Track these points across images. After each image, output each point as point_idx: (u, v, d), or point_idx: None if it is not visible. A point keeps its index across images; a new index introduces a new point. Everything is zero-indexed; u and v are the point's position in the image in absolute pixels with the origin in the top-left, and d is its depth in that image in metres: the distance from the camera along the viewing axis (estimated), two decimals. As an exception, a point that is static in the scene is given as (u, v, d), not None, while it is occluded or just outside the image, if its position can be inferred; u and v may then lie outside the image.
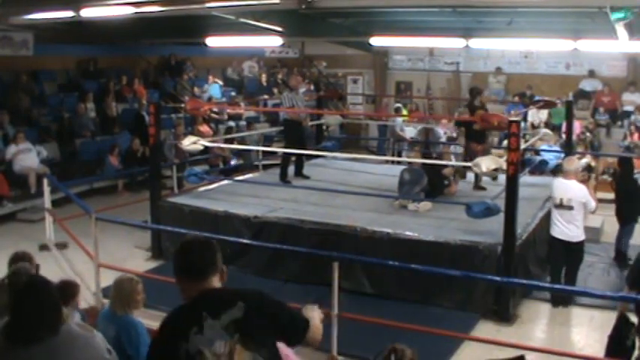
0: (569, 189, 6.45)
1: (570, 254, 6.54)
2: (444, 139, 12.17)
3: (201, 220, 7.62)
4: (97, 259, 6.31)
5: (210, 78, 15.45)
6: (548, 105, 9.85)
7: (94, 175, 11.33)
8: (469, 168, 6.88)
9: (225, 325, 2.24)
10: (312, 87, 16.11)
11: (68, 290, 4.05)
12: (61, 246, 8.00)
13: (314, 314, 2.62)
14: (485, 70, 16.51)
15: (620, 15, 7.25)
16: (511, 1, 8.84)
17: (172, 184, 10.62)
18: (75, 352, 2.56)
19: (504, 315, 6.14)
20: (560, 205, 6.44)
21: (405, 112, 14.45)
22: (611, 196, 8.23)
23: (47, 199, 8.36)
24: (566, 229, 6.44)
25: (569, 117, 10.11)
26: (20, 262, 4.20)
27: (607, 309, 5.82)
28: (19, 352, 2.49)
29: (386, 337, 4.31)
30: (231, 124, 14.27)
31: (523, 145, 7.32)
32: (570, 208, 6.39)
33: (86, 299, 6.28)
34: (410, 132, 13.33)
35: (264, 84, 16.41)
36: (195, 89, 14.76)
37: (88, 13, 9.14)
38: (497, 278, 5.90)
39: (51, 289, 2.62)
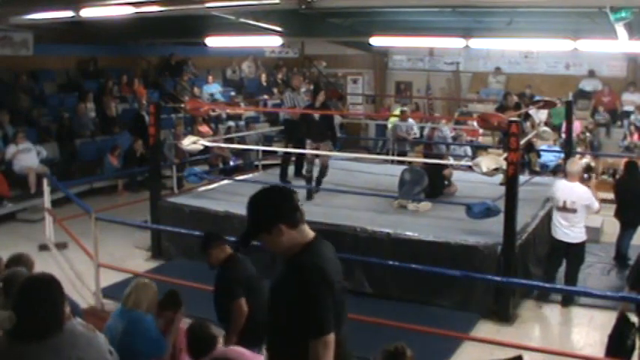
0: (573, 191, 6.39)
1: (571, 255, 6.53)
2: (449, 138, 12.18)
3: (201, 220, 7.62)
4: (96, 259, 6.31)
5: (210, 78, 15.44)
6: (548, 105, 9.84)
7: (93, 175, 11.33)
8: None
9: None
10: (311, 87, 16.10)
11: None
12: (61, 246, 8.01)
13: None
14: (485, 70, 16.52)
15: (621, 15, 7.23)
16: (511, 1, 8.84)
17: (172, 184, 10.63)
18: (77, 350, 2.57)
19: (504, 315, 6.14)
20: (564, 208, 6.38)
21: (397, 112, 14.39)
22: (612, 196, 8.22)
23: (47, 199, 8.36)
24: (569, 231, 6.40)
25: (569, 117, 10.11)
26: (16, 265, 4.21)
27: (607, 309, 5.83)
28: (23, 349, 2.49)
29: (386, 337, 4.31)
30: (231, 124, 14.28)
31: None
32: (574, 210, 6.34)
33: (86, 299, 6.29)
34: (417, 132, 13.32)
35: (264, 84, 16.41)
36: (195, 89, 14.76)
37: (87, 13, 9.13)
38: (497, 278, 5.90)
39: (54, 286, 2.63)
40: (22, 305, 2.54)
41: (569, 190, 6.41)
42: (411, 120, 13.10)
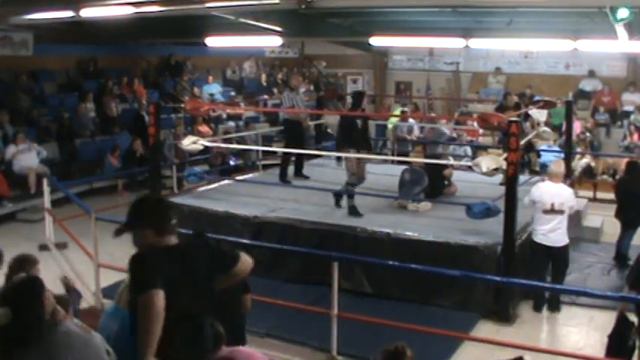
0: (561, 193, 6.34)
1: (556, 259, 6.44)
2: (445, 137, 12.12)
3: (201, 220, 7.61)
4: (96, 259, 6.31)
5: (210, 78, 15.45)
6: (548, 105, 9.83)
7: (93, 175, 11.33)
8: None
9: None
10: (311, 87, 16.11)
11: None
12: (61, 246, 8.00)
13: None
14: (485, 70, 16.54)
15: (624, 15, 7.20)
16: (511, 1, 8.85)
17: (172, 184, 10.62)
18: (73, 352, 2.54)
19: (504, 315, 6.14)
20: (552, 210, 6.28)
21: (397, 112, 14.37)
22: (612, 196, 8.21)
23: (47, 199, 8.36)
24: (553, 234, 6.29)
25: (569, 117, 10.11)
26: (20, 266, 4.19)
27: (607, 309, 5.82)
28: (16, 354, 2.47)
29: (386, 337, 4.31)
30: (231, 124, 14.27)
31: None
32: (562, 212, 6.28)
33: (86, 299, 6.28)
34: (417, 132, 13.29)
35: (264, 84, 16.42)
36: (195, 89, 14.77)
37: (87, 13, 9.14)
38: (497, 278, 5.89)
39: (41, 292, 2.59)
40: (11, 312, 2.52)
41: (557, 192, 6.34)
42: (412, 120, 13.09)
